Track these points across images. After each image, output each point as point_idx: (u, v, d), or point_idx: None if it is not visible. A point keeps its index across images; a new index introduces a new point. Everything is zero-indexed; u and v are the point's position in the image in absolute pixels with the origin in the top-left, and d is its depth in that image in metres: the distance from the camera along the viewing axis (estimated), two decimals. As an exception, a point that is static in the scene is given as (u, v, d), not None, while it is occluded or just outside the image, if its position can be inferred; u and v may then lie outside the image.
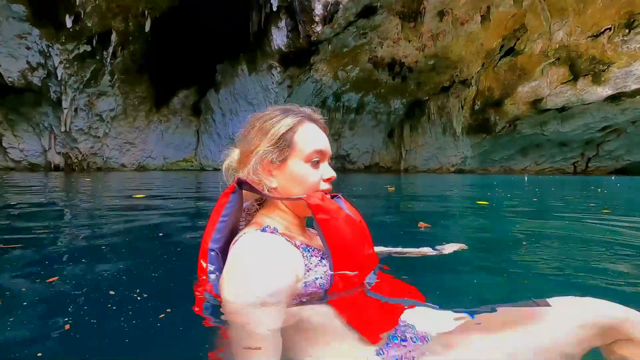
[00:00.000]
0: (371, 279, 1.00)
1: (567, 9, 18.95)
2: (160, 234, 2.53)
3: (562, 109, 23.23)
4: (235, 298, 0.82)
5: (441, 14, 20.04)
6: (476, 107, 24.94)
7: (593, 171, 27.01)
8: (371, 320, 0.86)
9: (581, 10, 18.74)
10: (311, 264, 0.93)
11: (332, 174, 1.02)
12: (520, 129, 25.28)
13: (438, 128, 27.06)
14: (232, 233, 1.01)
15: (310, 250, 0.96)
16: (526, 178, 14.00)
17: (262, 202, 1.08)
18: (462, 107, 25.12)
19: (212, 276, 0.96)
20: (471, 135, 26.43)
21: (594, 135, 24.85)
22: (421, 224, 1.48)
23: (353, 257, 0.95)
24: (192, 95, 25.63)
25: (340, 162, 28.88)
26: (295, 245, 0.93)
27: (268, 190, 0.99)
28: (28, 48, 17.25)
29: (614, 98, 21.38)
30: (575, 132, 24.73)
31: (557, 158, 27.63)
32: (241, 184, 0.99)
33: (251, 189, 0.99)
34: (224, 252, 0.97)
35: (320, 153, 0.99)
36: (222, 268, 0.91)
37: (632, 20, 18.28)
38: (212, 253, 0.98)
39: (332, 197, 1.08)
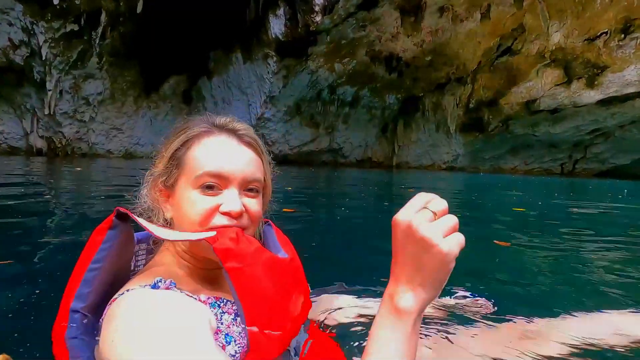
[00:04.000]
0: (301, 337, 0.76)
1: (566, 11, 19.03)
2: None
3: (554, 111, 23.50)
4: None
5: (441, 10, 19.87)
6: (471, 105, 25.01)
7: (579, 173, 27.58)
8: None
9: (580, 13, 18.85)
10: (222, 324, 0.68)
11: (232, 206, 0.72)
12: (512, 129, 25.51)
13: (432, 125, 27.07)
14: (114, 286, 0.71)
15: (221, 304, 0.71)
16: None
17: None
18: (457, 104, 25.15)
19: (76, 351, 0.65)
20: (464, 133, 26.54)
21: (583, 137, 25.31)
22: (499, 243, 1.25)
23: (275, 315, 0.69)
24: (183, 82, 24.79)
25: (333, 155, 28.67)
26: (200, 300, 0.68)
27: (164, 221, 0.75)
28: (10, 24, 16.26)
29: (605, 102, 21.73)
30: (565, 134, 25.12)
31: (546, 159, 28.08)
32: (124, 215, 0.71)
33: (135, 222, 0.72)
34: (97, 313, 0.68)
35: (218, 177, 0.72)
36: (91, 338, 0.65)
37: (628, 25, 18.49)
38: (76, 316, 0.67)
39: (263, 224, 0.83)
